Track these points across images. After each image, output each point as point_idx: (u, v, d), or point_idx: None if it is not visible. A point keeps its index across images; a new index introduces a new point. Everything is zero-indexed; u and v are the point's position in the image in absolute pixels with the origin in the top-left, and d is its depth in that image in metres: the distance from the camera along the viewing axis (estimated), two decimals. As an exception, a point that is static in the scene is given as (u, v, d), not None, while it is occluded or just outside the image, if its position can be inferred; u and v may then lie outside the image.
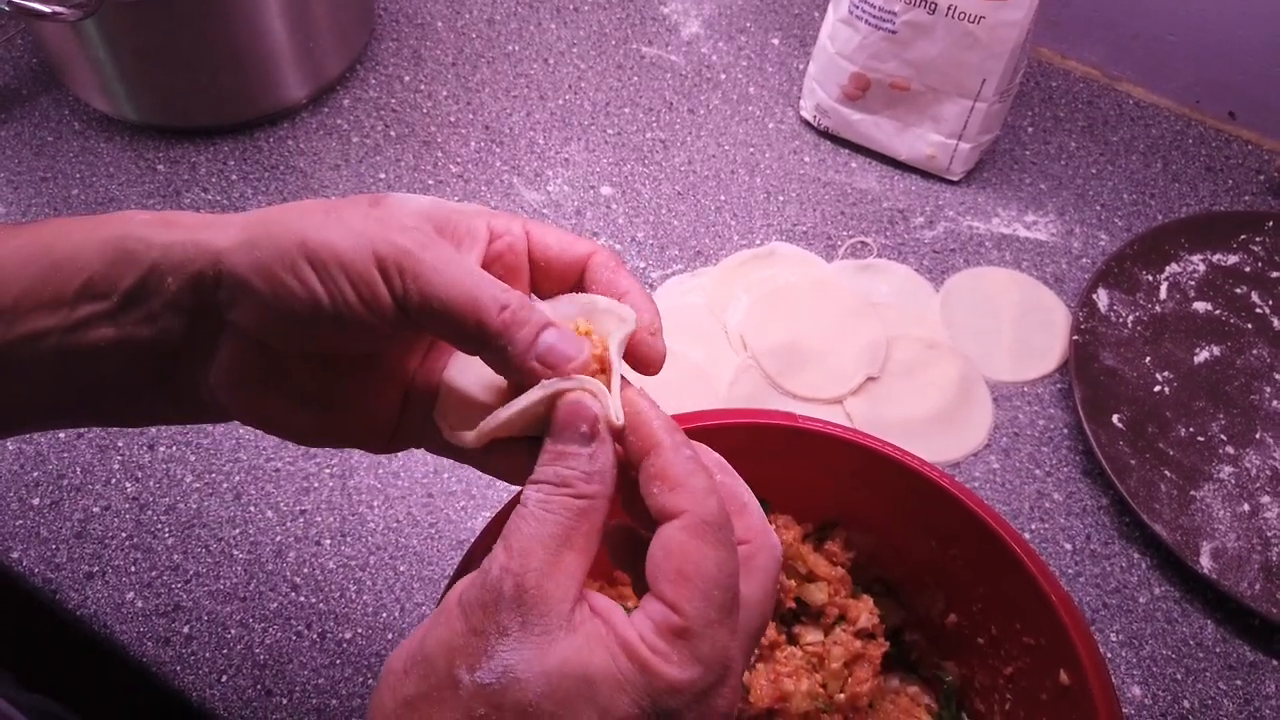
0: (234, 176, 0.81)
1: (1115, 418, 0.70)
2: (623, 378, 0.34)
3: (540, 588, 0.29)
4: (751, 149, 0.86)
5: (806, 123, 0.87)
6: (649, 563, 0.30)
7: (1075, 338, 0.73)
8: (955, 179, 0.84)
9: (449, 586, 0.44)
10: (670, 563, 0.30)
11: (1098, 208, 0.84)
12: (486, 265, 0.36)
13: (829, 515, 0.57)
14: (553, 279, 0.37)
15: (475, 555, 0.48)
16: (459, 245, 0.35)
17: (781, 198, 0.83)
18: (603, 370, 0.33)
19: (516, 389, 0.34)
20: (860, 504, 0.56)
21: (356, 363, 0.37)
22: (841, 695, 0.52)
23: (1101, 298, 0.76)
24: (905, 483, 0.53)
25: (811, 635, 0.55)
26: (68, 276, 0.34)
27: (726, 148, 0.86)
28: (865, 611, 0.54)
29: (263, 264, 0.32)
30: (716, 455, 0.34)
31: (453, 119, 0.86)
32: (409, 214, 0.34)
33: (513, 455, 0.35)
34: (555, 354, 0.32)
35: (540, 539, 0.30)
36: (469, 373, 0.37)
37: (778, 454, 0.54)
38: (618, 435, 0.32)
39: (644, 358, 0.35)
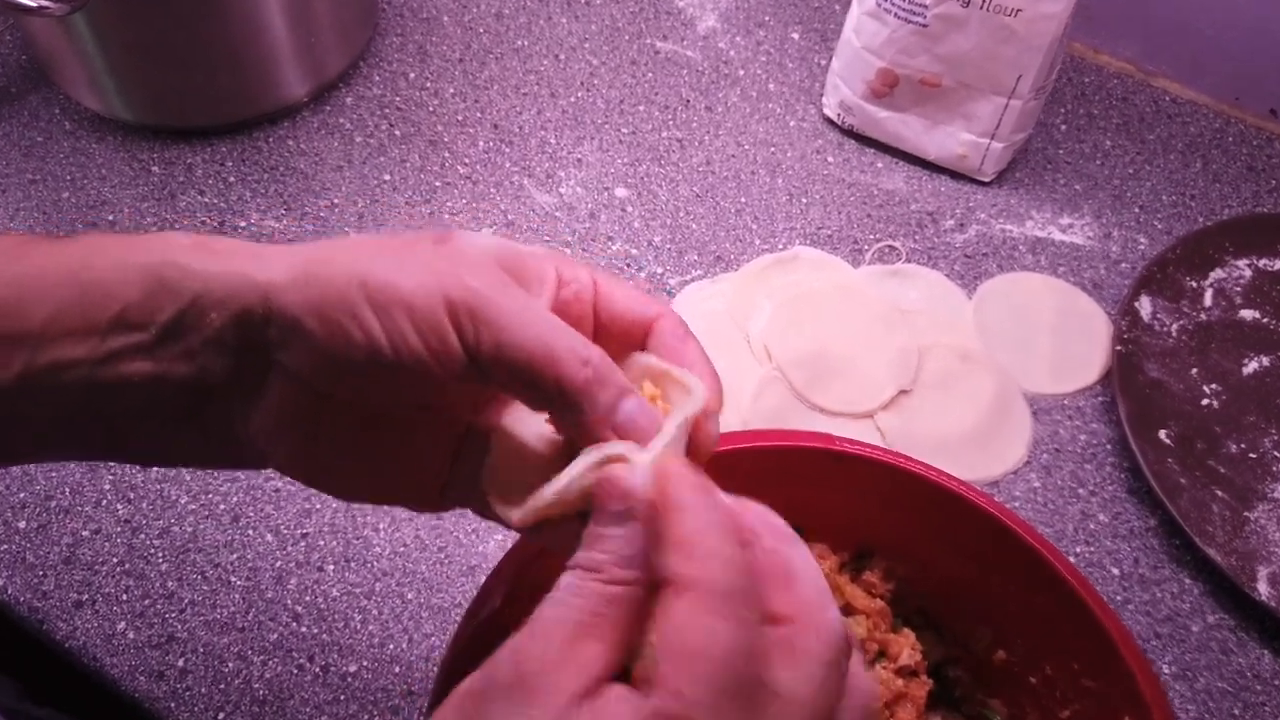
0: (232, 178, 0.77)
1: (1162, 433, 0.66)
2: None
3: (542, 675, 0.26)
4: (773, 148, 0.82)
5: (830, 121, 0.84)
6: (656, 634, 0.26)
7: (1118, 348, 0.69)
8: (987, 180, 0.80)
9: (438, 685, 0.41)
10: (668, 640, 0.25)
11: (1136, 210, 0.80)
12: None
13: (866, 542, 0.53)
14: (614, 338, 0.34)
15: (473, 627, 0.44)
16: (528, 290, 0.32)
17: (805, 199, 0.79)
18: None
19: (571, 453, 0.30)
20: (900, 530, 0.52)
21: (410, 412, 0.35)
22: (883, 739, 0.49)
23: (1144, 305, 0.72)
24: (951, 509, 0.49)
25: (849, 672, 0.51)
26: (101, 303, 0.31)
27: (746, 147, 0.82)
28: (907, 647, 0.51)
29: (318, 304, 0.29)
30: (774, 518, 0.30)
31: (460, 117, 0.82)
32: (478, 253, 0.31)
33: (565, 533, 0.32)
34: (634, 428, 0.30)
35: (559, 623, 0.27)
36: (527, 424, 0.35)
37: (814, 479, 0.51)
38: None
39: (697, 443, 0.32)
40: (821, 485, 0.51)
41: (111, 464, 0.63)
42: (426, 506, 0.37)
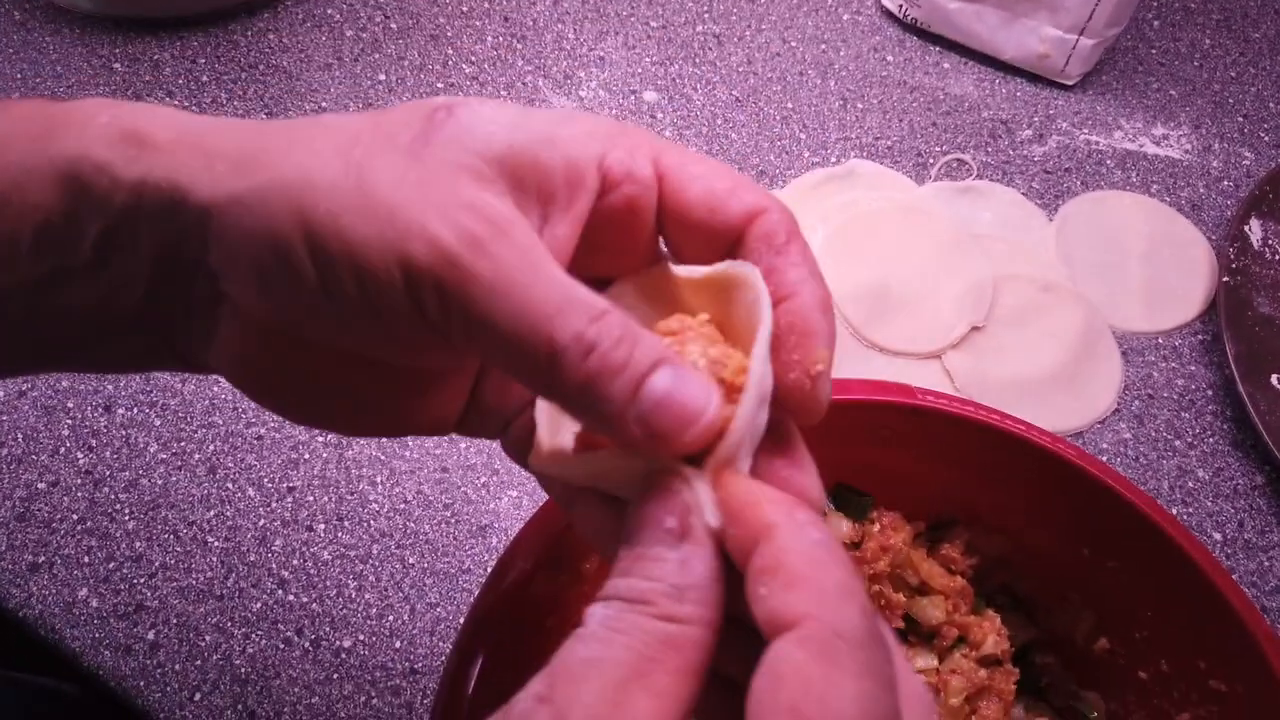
0: (205, 77, 0.67)
1: (1275, 378, 0.57)
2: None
3: None
4: (824, 46, 0.72)
5: (889, 14, 0.73)
6: (750, 699, 0.19)
7: (1224, 279, 0.60)
8: (1070, 83, 0.70)
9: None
10: (782, 696, 0.19)
11: (1239, 119, 0.70)
12: (591, 230, 0.25)
13: (946, 512, 0.45)
14: (694, 244, 0.25)
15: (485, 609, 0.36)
16: (548, 207, 0.24)
17: (861, 105, 0.69)
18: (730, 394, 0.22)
19: None
20: (987, 499, 0.44)
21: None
22: (964, 740, 0.42)
23: (1254, 230, 0.62)
24: (1051, 475, 0.41)
25: (924, 661, 0.44)
26: (18, 215, 0.25)
27: (793, 44, 0.72)
28: (992, 633, 0.43)
29: (252, 239, 0.23)
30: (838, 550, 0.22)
31: (465, 8, 0.72)
32: (472, 162, 0.23)
33: (596, 513, 0.25)
34: (666, 416, 0.21)
35: (599, 667, 0.20)
36: None
37: (884, 438, 0.43)
38: (720, 533, 0.22)
39: (799, 404, 0.24)
40: (893, 445, 0.43)
41: (70, 408, 0.55)
42: (442, 433, 0.30)
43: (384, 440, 0.54)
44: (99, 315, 0.26)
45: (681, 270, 0.25)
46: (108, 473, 0.53)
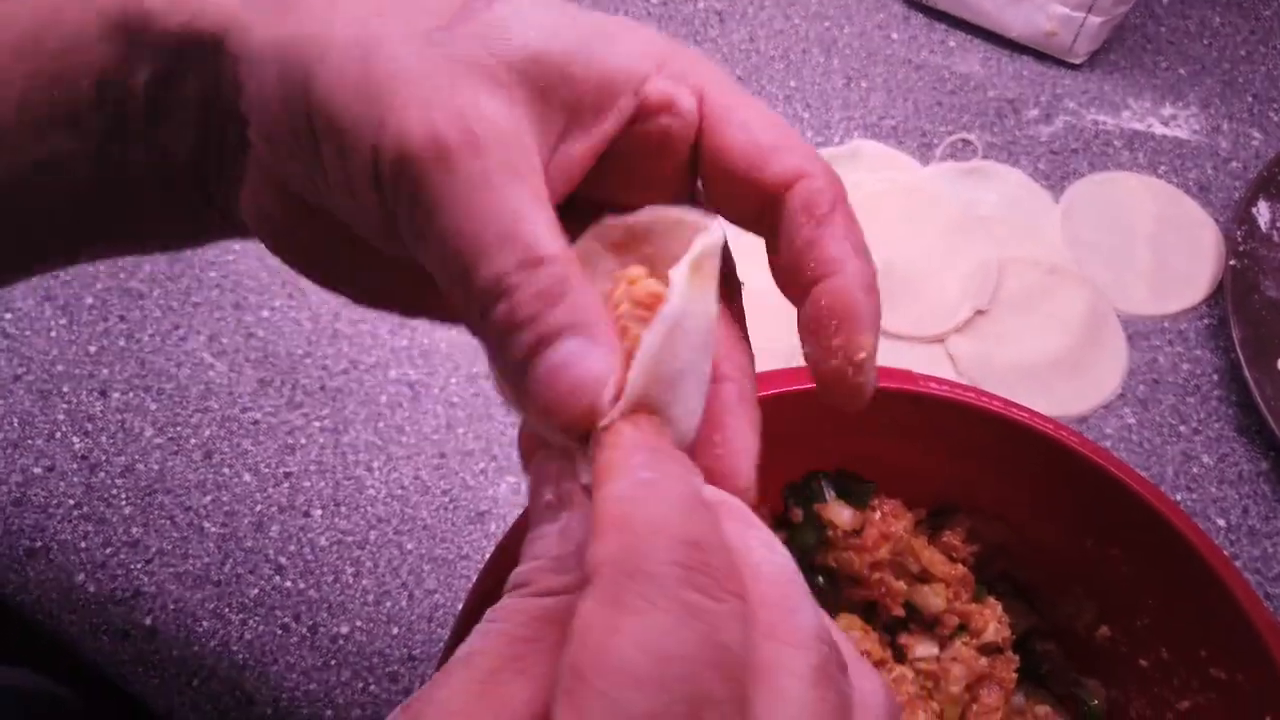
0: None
1: (1281, 363, 0.57)
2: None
3: None
4: (827, 23, 0.70)
5: (894, -9, 0.72)
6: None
7: (1231, 262, 0.59)
8: (1078, 62, 0.69)
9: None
10: (565, 659, 0.16)
11: (1249, 99, 0.69)
12: (619, 155, 0.23)
13: (947, 499, 0.45)
14: (728, 195, 0.23)
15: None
16: (571, 121, 0.22)
17: (865, 84, 0.68)
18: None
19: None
20: (989, 486, 0.44)
21: None
22: (964, 728, 0.42)
23: (1262, 212, 0.62)
24: (1054, 463, 0.41)
25: (924, 648, 0.43)
26: (76, 72, 0.25)
27: (796, 21, 0.71)
28: (993, 621, 0.43)
29: (267, 93, 0.23)
30: (730, 500, 0.21)
31: (463, -15, 0.71)
32: (485, 66, 0.21)
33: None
34: (552, 387, 0.20)
35: (468, 661, 0.18)
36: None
37: (885, 426, 0.42)
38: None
39: (841, 393, 0.22)
40: (894, 432, 0.43)
41: (66, 391, 0.55)
42: (455, 321, 0.28)
43: (381, 424, 0.54)
44: (155, 174, 0.27)
45: (617, 218, 0.23)
46: (104, 457, 0.53)
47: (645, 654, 0.16)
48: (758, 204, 0.23)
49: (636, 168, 0.24)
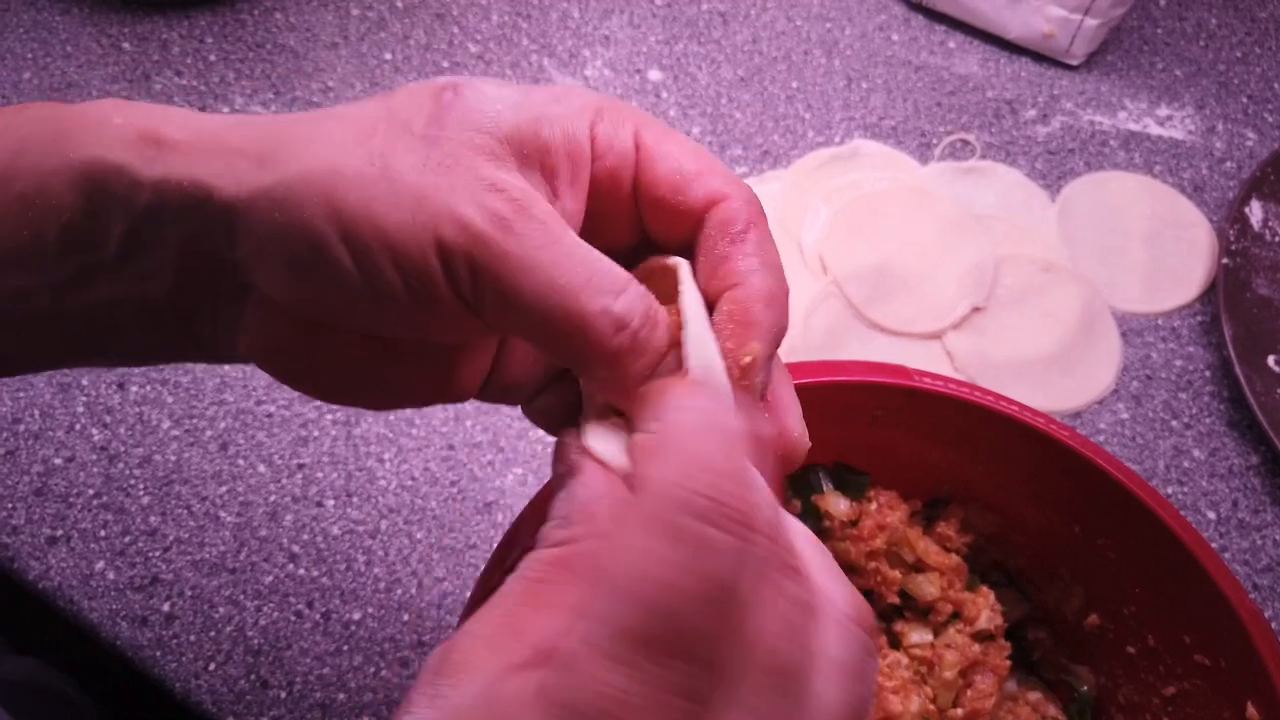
0: (212, 57, 0.68)
1: (1271, 359, 0.58)
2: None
3: (466, 652, 0.20)
4: (829, 24, 0.72)
5: (895, -8, 0.73)
6: None
7: (1224, 261, 0.60)
8: (1075, 63, 0.70)
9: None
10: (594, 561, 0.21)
11: (1244, 100, 0.70)
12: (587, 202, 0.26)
13: (942, 490, 0.46)
14: (661, 222, 0.26)
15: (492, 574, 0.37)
16: (554, 180, 0.25)
17: (865, 85, 0.69)
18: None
19: None
20: (982, 478, 0.45)
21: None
22: (958, 711, 0.43)
23: (1255, 211, 0.63)
24: (1045, 456, 0.42)
25: (918, 635, 0.45)
26: (42, 218, 0.25)
27: (798, 23, 0.72)
28: (986, 609, 0.44)
29: (283, 234, 0.23)
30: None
31: (471, -13, 0.72)
32: (485, 142, 0.23)
33: None
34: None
35: (493, 603, 0.21)
36: None
37: (880, 419, 0.43)
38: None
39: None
40: (890, 425, 0.44)
41: (85, 385, 0.56)
42: (460, 400, 0.30)
43: (391, 418, 0.55)
44: (126, 308, 0.26)
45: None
46: (122, 449, 0.54)
47: (644, 577, 0.18)
48: (685, 227, 0.25)
49: (595, 211, 0.26)
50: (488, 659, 0.20)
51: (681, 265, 0.25)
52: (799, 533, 0.22)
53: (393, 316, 0.24)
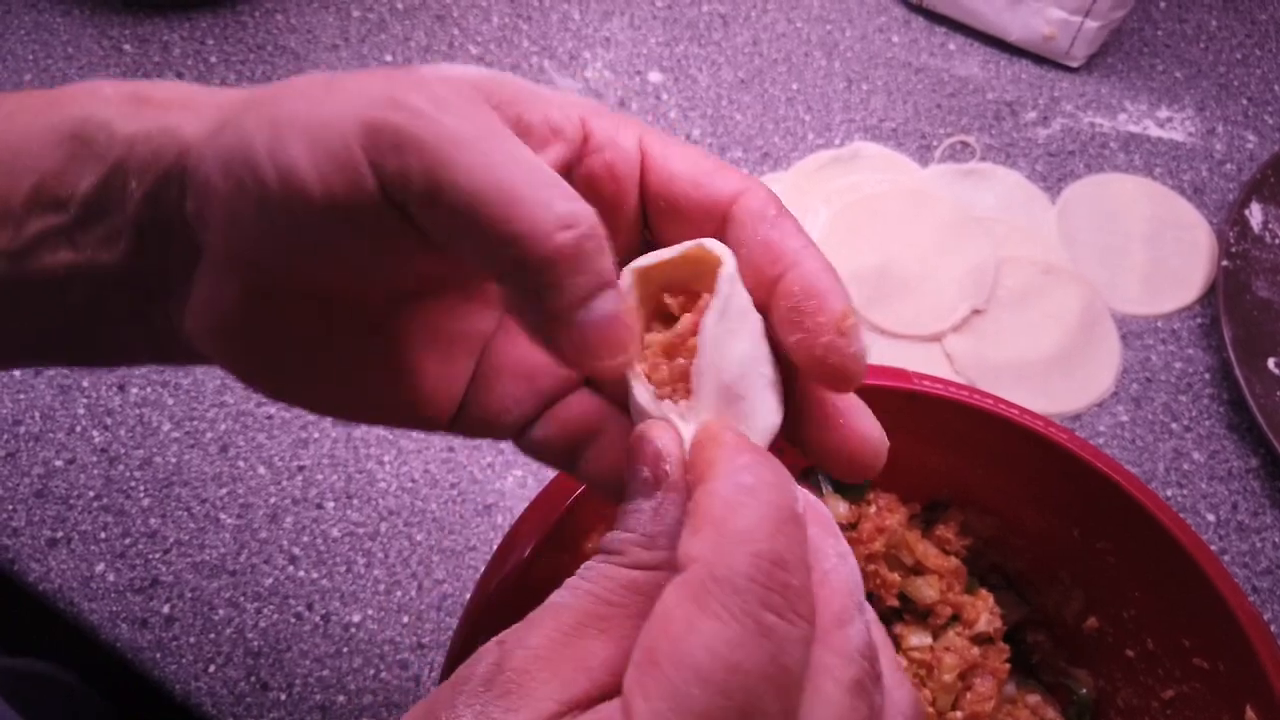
0: (213, 58, 0.68)
1: (1271, 361, 0.58)
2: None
3: (524, 673, 0.19)
4: (829, 26, 0.72)
5: (895, -6, 0.73)
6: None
7: (1224, 263, 0.60)
8: (1075, 65, 0.70)
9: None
10: (643, 638, 0.19)
11: (1244, 101, 0.70)
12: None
13: (941, 493, 0.46)
14: (678, 223, 0.24)
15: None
16: (529, 140, 0.23)
17: (865, 86, 0.69)
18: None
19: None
20: (981, 481, 0.45)
21: (388, 310, 0.26)
22: (958, 714, 0.43)
23: (1255, 214, 0.63)
24: (1044, 459, 0.42)
25: (917, 638, 0.45)
26: (15, 176, 0.25)
27: (799, 25, 0.72)
28: (985, 612, 0.44)
29: (225, 153, 0.22)
30: (818, 506, 0.22)
31: (471, -11, 0.72)
32: (443, 81, 0.22)
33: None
34: (601, 339, 0.21)
35: (556, 611, 0.20)
36: None
37: (884, 423, 0.43)
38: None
39: (839, 366, 0.22)
40: (889, 428, 0.43)
41: (85, 387, 0.56)
42: (432, 429, 0.29)
43: (392, 420, 0.56)
44: (78, 283, 0.26)
45: (650, 256, 0.24)
46: (122, 451, 0.54)
47: (715, 659, 0.17)
48: (709, 222, 0.24)
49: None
50: (546, 687, 0.19)
51: (727, 254, 0.23)
52: (873, 620, 0.21)
53: (321, 244, 0.22)
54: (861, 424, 0.24)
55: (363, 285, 0.24)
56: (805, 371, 0.23)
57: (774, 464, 0.21)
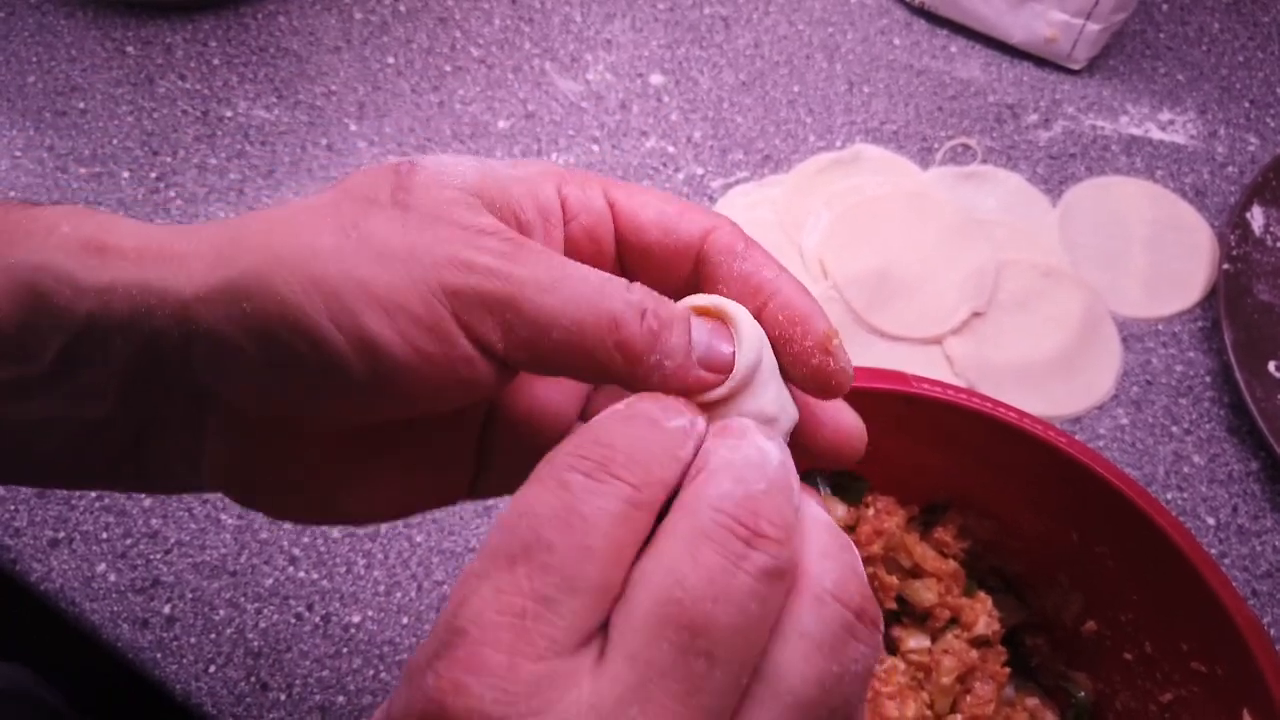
0: (216, 60, 0.68)
1: (1272, 365, 0.58)
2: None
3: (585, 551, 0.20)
4: (831, 29, 0.72)
5: (897, -3, 0.73)
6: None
7: (1225, 266, 0.60)
8: (1077, 68, 0.70)
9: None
10: (633, 574, 0.20)
11: (1246, 104, 0.70)
12: None
13: (939, 496, 0.46)
14: (652, 267, 0.26)
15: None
16: (530, 235, 0.25)
17: (867, 89, 0.69)
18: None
19: None
20: (980, 484, 0.45)
21: (405, 425, 0.26)
22: (956, 717, 0.43)
23: (1256, 217, 0.63)
24: (1043, 462, 0.42)
25: (915, 641, 0.45)
26: None
27: (800, 27, 0.72)
28: (983, 614, 0.44)
29: (260, 324, 0.22)
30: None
31: (474, -9, 0.72)
32: (454, 198, 0.23)
33: None
34: (719, 356, 0.23)
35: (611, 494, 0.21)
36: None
37: (879, 425, 0.43)
38: None
39: (829, 381, 0.24)
40: (889, 431, 0.44)
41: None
42: (456, 501, 0.29)
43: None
44: (60, 427, 0.25)
45: (696, 299, 0.25)
46: (124, 451, 0.54)
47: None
48: (681, 264, 0.25)
49: None
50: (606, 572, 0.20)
51: (741, 311, 0.24)
52: (814, 517, 0.22)
53: (393, 390, 0.22)
54: (843, 418, 0.27)
55: (405, 415, 0.24)
56: (799, 385, 0.25)
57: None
